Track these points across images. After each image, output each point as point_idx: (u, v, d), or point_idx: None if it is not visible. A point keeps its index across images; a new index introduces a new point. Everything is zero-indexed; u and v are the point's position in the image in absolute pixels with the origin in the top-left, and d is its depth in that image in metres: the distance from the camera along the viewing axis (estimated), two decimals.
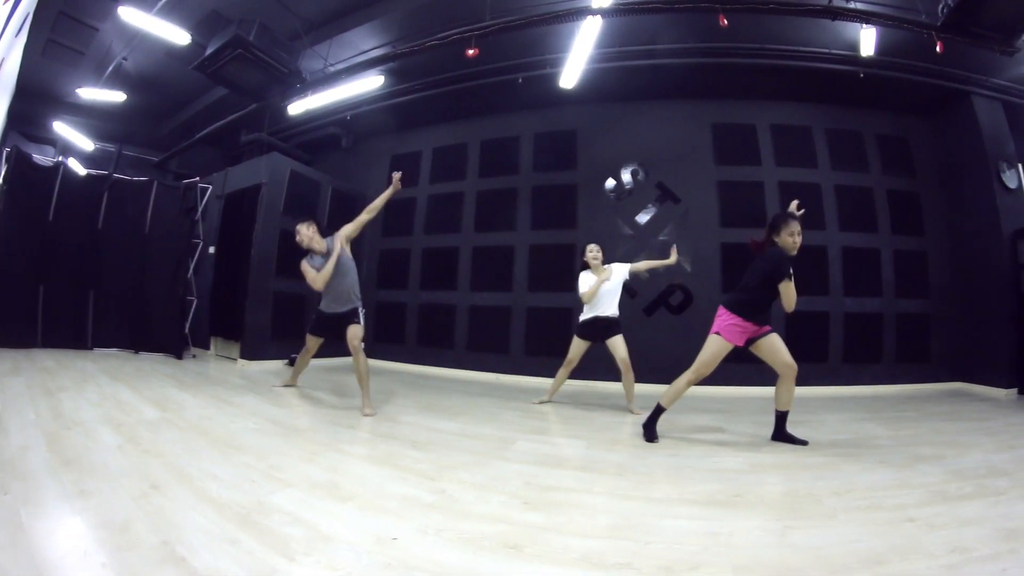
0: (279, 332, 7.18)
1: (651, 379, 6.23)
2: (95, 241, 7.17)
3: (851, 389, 6.46)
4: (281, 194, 7.33)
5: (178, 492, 2.13)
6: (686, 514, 2.21)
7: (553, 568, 1.69)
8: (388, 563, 1.65)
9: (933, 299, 6.96)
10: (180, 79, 7.96)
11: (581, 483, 2.62)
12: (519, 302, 7.44)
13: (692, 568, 1.71)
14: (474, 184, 8.14)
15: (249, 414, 3.85)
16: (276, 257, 7.13)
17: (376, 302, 8.59)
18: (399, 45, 6.25)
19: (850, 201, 7.03)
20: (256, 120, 8.20)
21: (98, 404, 3.73)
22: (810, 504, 2.35)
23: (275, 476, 2.44)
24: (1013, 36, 4.35)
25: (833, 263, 6.86)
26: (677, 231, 6.98)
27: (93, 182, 7.34)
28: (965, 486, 2.62)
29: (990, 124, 6.74)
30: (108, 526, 1.76)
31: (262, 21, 5.51)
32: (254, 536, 1.78)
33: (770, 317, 3.75)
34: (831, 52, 6.20)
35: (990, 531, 2.02)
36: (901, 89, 6.66)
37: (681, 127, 7.32)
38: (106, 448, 2.66)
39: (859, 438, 3.88)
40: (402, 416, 4.21)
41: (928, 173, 7.24)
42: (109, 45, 7.30)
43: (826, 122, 7.23)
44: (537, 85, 6.73)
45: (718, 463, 3.06)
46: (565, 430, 3.95)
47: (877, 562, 1.76)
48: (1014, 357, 6.29)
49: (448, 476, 2.62)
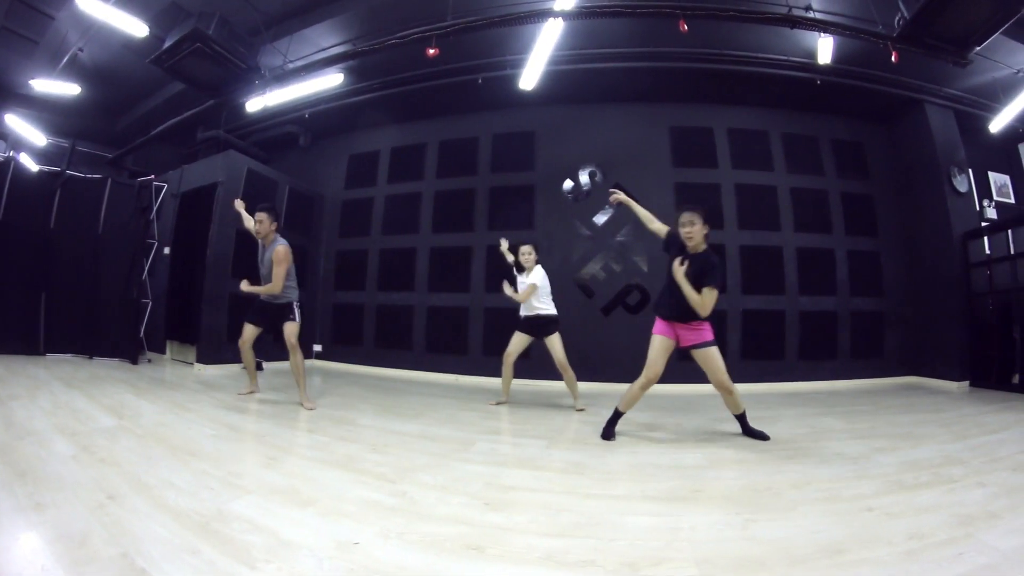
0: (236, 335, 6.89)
1: (610, 378, 6.33)
2: (47, 241, 6.95)
3: (808, 385, 6.63)
4: (237, 193, 7.11)
5: (136, 502, 2.08)
6: (648, 510, 2.24)
7: (516, 568, 1.70)
8: (351, 568, 1.64)
9: (886, 297, 7.17)
10: (137, 72, 7.73)
11: (542, 482, 2.63)
12: (477, 303, 7.43)
13: (655, 564, 1.73)
14: (432, 184, 8.11)
15: (207, 420, 3.77)
16: (232, 258, 6.97)
17: (333, 304, 8.52)
18: (359, 43, 6.19)
19: (805, 203, 7.20)
20: (213, 117, 8.06)
21: (52, 412, 3.62)
22: (770, 497, 2.40)
23: (234, 483, 2.40)
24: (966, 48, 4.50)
25: (788, 263, 7.01)
26: (634, 232, 7.06)
27: (45, 179, 7.12)
28: (921, 475, 2.70)
29: (942, 131, 7.00)
30: (65, 539, 1.71)
31: (222, 15, 5.38)
32: (214, 545, 1.75)
33: (702, 318, 3.64)
34: (789, 59, 6.37)
35: (946, 517, 2.09)
36: (857, 96, 6.86)
37: (639, 130, 7.40)
38: (61, 458, 2.59)
39: (817, 432, 3.96)
40: (361, 419, 4.17)
41: (882, 177, 7.47)
42: (65, 35, 7.05)
43: (783, 126, 7.40)
44: (497, 86, 6.75)
45: (678, 459, 3.10)
46: (524, 430, 3.95)
47: (838, 551, 1.81)
48: (965, 351, 6.53)
49: (408, 478, 2.61)
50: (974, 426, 4.08)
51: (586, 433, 3.88)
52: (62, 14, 6.67)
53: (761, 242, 7.03)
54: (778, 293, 6.95)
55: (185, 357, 7.24)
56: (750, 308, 6.88)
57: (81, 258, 7.10)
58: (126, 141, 9.42)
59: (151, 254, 7.51)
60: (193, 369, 6.62)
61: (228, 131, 8.59)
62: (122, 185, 7.67)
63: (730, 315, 6.82)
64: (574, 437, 3.80)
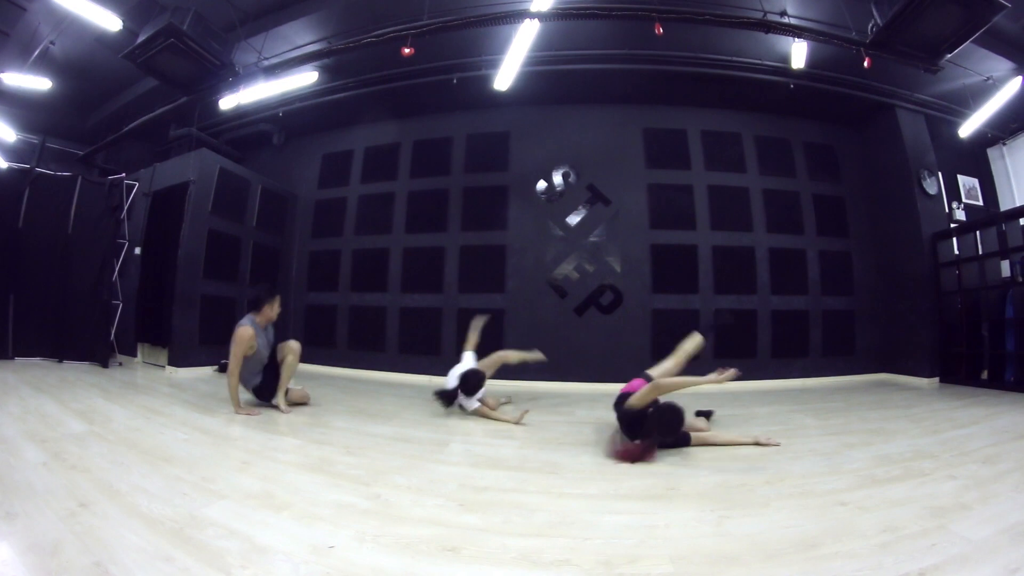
0: (207, 337, 6.91)
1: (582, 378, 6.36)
2: (15, 241, 6.81)
3: (780, 383, 6.71)
4: (210, 193, 7.09)
5: (108, 509, 2.05)
6: (622, 509, 2.25)
7: (492, 568, 1.70)
8: (326, 572, 1.64)
9: (857, 296, 7.29)
10: (109, 68, 7.57)
11: (516, 483, 2.63)
12: (450, 303, 7.42)
13: (631, 561, 1.75)
14: (405, 184, 8.07)
15: (179, 424, 3.73)
16: (204, 259, 6.88)
17: (306, 305, 8.45)
18: (335, 41, 6.16)
19: (777, 204, 7.29)
20: (186, 114, 7.92)
21: (20, 418, 3.57)
22: (744, 493, 2.43)
23: (207, 488, 2.38)
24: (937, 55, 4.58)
25: (760, 263, 7.10)
26: (607, 232, 7.12)
27: (14, 177, 6.97)
28: (893, 469, 2.76)
29: (913, 135, 7.13)
30: (36, 549, 1.68)
31: (197, 10, 5.29)
32: (189, 552, 1.73)
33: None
34: (763, 63, 6.45)
35: (918, 510, 2.14)
36: (829, 100, 6.97)
37: (613, 131, 7.45)
38: (30, 465, 2.54)
39: (790, 429, 4.01)
40: (335, 421, 4.14)
41: (853, 179, 7.60)
42: (36, 27, 6.88)
43: (756, 129, 7.49)
44: (471, 86, 6.75)
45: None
46: (497, 431, 3.95)
47: (812, 545, 1.83)
48: (935, 349, 6.65)
49: (383, 481, 2.60)
50: (944, 421, 4.16)
51: (558, 433, 3.89)
52: (34, 5, 6.51)
53: (733, 243, 7.11)
54: (750, 293, 7.03)
55: (156, 360, 7.12)
56: (723, 308, 6.95)
57: (50, 258, 6.97)
58: (97, 138, 9.23)
59: (122, 254, 7.38)
60: (164, 372, 6.52)
61: (201, 129, 8.46)
62: (93, 183, 7.53)
63: (703, 315, 6.89)
64: (546, 437, 3.78)
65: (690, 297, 6.96)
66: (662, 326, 6.83)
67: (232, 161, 7.92)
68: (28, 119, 8.96)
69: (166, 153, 8.78)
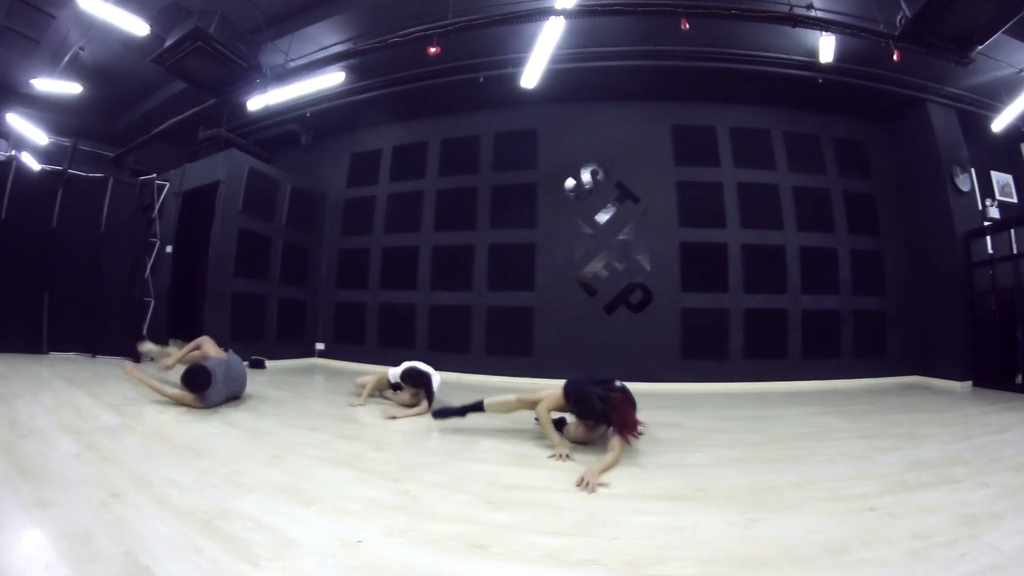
0: (238, 333, 7.05)
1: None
2: (49, 240, 6.93)
3: (810, 384, 6.64)
4: (240, 192, 7.22)
5: (139, 500, 2.07)
6: (650, 509, 2.23)
7: (519, 566, 1.69)
8: (354, 566, 1.64)
9: (889, 296, 7.18)
10: (138, 71, 7.75)
11: (544, 481, 2.62)
12: (479, 301, 7.44)
13: (658, 562, 1.73)
14: (434, 183, 8.13)
15: (210, 418, 3.77)
16: (235, 257, 7.02)
17: (336, 302, 8.54)
18: (361, 42, 6.20)
19: (808, 202, 7.21)
20: (215, 116, 8.07)
21: (55, 411, 3.62)
22: (773, 496, 2.39)
23: (237, 481, 2.40)
24: (968, 48, 4.49)
25: (791, 262, 7.02)
26: (636, 230, 7.07)
27: (47, 178, 7.10)
28: (924, 475, 2.69)
29: (944, 130, 7.00)
30: (69, 537, 1.70)
31: (223, 13, 5.39)
32: (217, 543, 1.74)
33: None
34: (791, 58, 6.37)
35: (949, 518, 2.09)
36: (858, 95, 6.86)
37: (641, 128, 7.41)
38: (64, 456, 2.58)
39: (819, 431, 3.95)
40: (364, 417, 4.17)
41: (884, 176, 7.48)
42: (66, 34, 7.06)
43: (785, 125, 7.41)
44: (498, 84, 6.77)
45: (680, 458, 3.09)
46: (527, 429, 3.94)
47: (840, 551, 1.80)
48: (968, 351, 6.52)
49: (411, 477, 2.60)
50: (977, 426, 4.07)
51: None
52: (63, 13, 6.68)
53: (763, 241, 7.03)
54: (780, 292, 6.96)
55: None
56: (752, 307, 6.88)
57: (84, 257, 7.09)
58: (128, 140, 9.44)
59: (153, 252, 7.49)
60: None
61: (230, 130, 8.60)
62: (124, 184, 7.65)
63: (732, 314, 6.82)
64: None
65: (720, 296, 6.90)
66: (691, 325, 6.79)
67: (261, 161, 8.04)
68: (60, 123, 9.20)
69: (195, 154, 8.94)
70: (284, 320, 8.02)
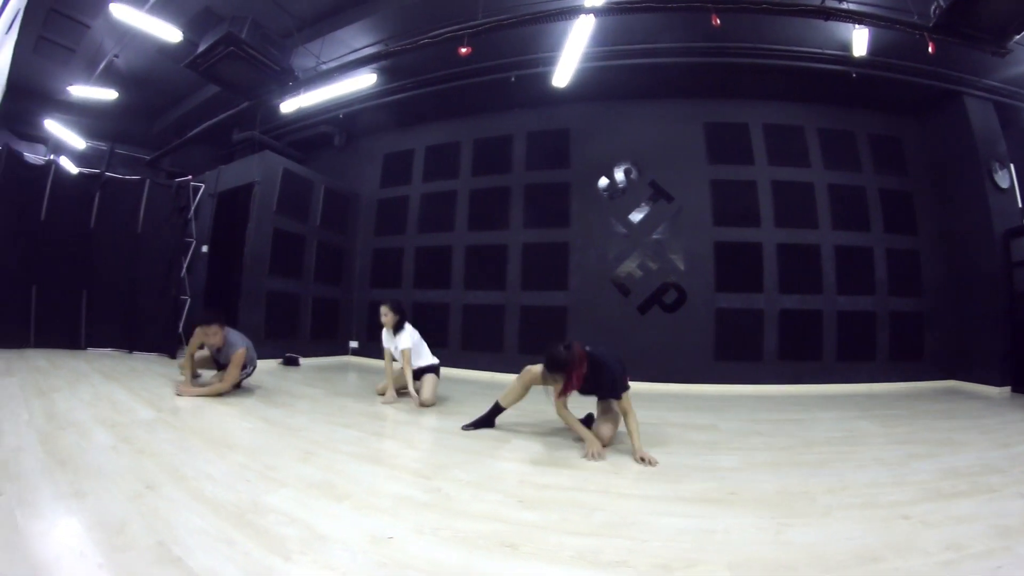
0: (273, 331, 7.19)
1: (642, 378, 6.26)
2: (88, 240, 7.14)
3: (845, 387, 6.51)
4: (274, 193, 7.33)
5: (173, 492, 2.11)
6: (681, 512, 2.21)
7: (549, 566, 1.69)
8: (383, 562, 1.65)
9: (926, 298, 7.01)
10: (172, 77, 7.93)
11: (575, 481, 2.61)
12: (513, 301, 7.45)
13: (688, 566, 1.71)
14: (467, 183, 8.17)
15: (244, 413, 3.83)
16: (269, 256, 7.12)
17: (369, 301, 8.60)
18: (391, 43, 6.23)
19: (843, 200, 7.07)
20: (248, 118, 8.18)
21: (92, 404, 3.70)
22: (805, 502, 2.35)
23: (270, 476, 2.43)
24: (1004, 38, 4.36)
25: (826, 261, 6.90)
26: (670, 229, 7.01)
27: (85, 181, 7.30)
28: (959, 483, 2.62)
29: (982, 124, 6.79)
30: (104, 526, 1.74)
31: (254, 18, 5.47)
32: (250, 536, 1.77)
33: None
34: (824, 52, 6.25)
35: (985, 528, 2.03)
36: (893, 89, 6.70)
37: (674, 126, 7.34)
38: (100, 448, 2.64)
39: (853, 436, 3.88)
40: (396, 415, 4.20)
41: (920, 172, 7.29)
42: (100, 42, 7.26)
43: (819, 121, 7.28)
44: (530, 84, 6.75)
45: (712, 461, 3.06)
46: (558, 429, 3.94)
47: (872, 559, 1.76)
48: (1007, 355, 6.33)
49: (443, 475, 2.61)
50: (1016, 434, 3.96)
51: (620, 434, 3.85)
52: (97, 22, 6.86)
53: (798, 240, 6.92)
54: (815, 292, 6.84)
55: None
56: (787, 308, 6.78)
57: (121, 256, 7.28)
58: (163, 143, 9.64)
59: (189, 252, 7.67)
60: None
61: (263, 132, 8.75)
62: (160, 186, 7.83)
63: (767, 314, 6.74)
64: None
65: (754, 296, 6.81)
66: (725, 325, 6.72)
67: (295, 162, 8.16)
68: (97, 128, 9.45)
69: (230, 156, 9.13)
70: (318, 318, 8.13)
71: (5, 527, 1.68)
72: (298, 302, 7.73)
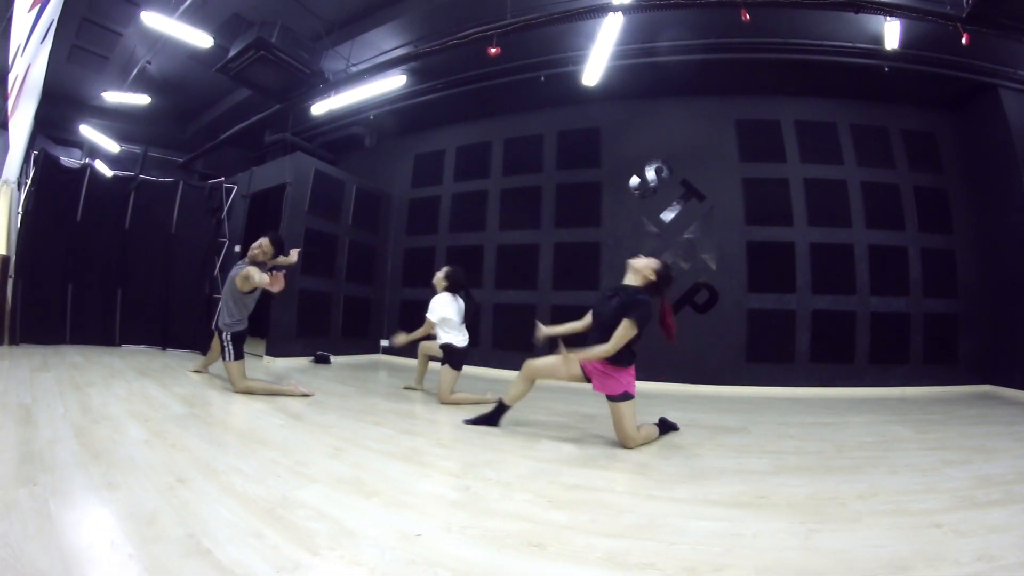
0: (304, 330, 7.31)
1: (672, 378, 6.19)
2: (122, 241, 7.29)
3: (878, 391, 6.38)
4: (306, 193, 7.43)
5: (204, 486, 2.15)
6: (710, 515, 2.19)
7: (576, 567, 1.68)
8: (412, 559, 1.65)
9: (962, 299, 6.83)
10: (203, 81, 8.10)
11: (605, 482, 2.60)
12: (544, 300, 7.45)
13: (716, 569, 1.69)
14: (498, 182, 8.19)
15: (275, 410, 3.87)
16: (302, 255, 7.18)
17: (401, 300, 8.70)
18: (420, 44, 6.27)
19: (876, 198, 6.93)
20: (280, 121, 8.30)
21: (126, 399, 3.77)
22: (835, 507, 2.31)
23: (300, 471, 2.45)
24: None
25: (859, 261, 6.77)
26: (702, 229, 6.95)
27: (119, 183, 7.45)
28: (993, 492, 2.56)
29: (1018, 117, 6.55)
30: (135, 518, 1.77)
31: (283, 23, 5.57)
32: (279, 530, 1.78)
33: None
34: (855, 46, 6.14)
35: (1018, 539, 1.97)
36: (927, 83, 6.55)
37: (705, 124, 7.27)
38: (133, 442, 2.69)
39: (885, 441, 3.80)
40: (427, 414, 4.23)
41: (956, 169, 7.10)
42: (133, 49, 7.45)
43: (851, 117, 7.14)
44: (559, 83, 6.75)
45: (742, 464, 3.02)
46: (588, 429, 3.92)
47: (902, 568, 1.72)
48: None
49: (473, 474, 2.62)
50: None
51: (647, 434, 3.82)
52: (129, 30, 7.05)
53: (831, 239, 6.80)
54: (848, 293, 6.72)
55: (255, 350, 7.46)
56: (820, 308, 6.68)
57: (155, 256, 7.44)
58: (196, 146, 9.82)
59: (222, 252, 7.78)
60: (262, 361, 6.87)
61: (295, 134, 8.88)
62: (193, 187, 7.97)
63: (799, 315, 6.64)
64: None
65: (786, 297, 6.72)
66: (757, 326, 6.65)
67: (326, 163, 8.26)
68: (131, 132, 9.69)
69: (262, 157, 9.28)
70: (349, 317, 8.23)
71: (39, 516, 1.71)
72: (330, 301, 7.85)
